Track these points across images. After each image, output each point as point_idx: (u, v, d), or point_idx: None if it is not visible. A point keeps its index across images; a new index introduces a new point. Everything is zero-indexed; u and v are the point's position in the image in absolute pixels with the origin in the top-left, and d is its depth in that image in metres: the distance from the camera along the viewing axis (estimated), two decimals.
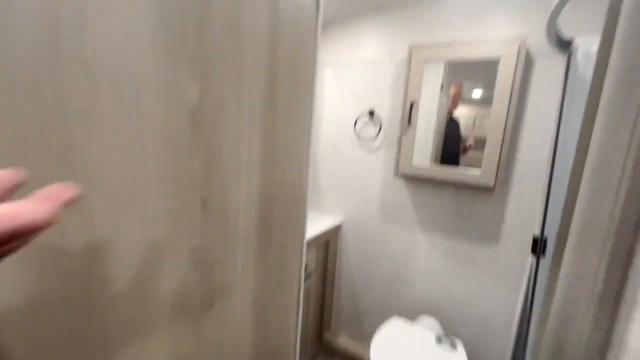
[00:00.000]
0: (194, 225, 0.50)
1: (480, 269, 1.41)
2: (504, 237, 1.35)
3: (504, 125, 1.23)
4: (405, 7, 1.41)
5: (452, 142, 1.42)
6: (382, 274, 1.68)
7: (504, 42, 1.19)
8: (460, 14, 1.31)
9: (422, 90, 1.38)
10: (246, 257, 0.62)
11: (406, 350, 1.29)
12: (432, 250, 1.53)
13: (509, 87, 1.20)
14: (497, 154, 1.26)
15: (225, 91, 0.51)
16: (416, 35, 1.41)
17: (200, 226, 0.51)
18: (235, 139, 0.55)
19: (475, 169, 1.33)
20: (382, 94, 1.55)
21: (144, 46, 0.39)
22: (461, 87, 1.37)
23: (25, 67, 0.31)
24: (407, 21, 1.42)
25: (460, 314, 1.49)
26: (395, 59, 1.48)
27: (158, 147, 0.43)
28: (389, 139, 1.56)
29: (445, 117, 1.41)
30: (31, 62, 0.31)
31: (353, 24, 1.55)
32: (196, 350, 0.55)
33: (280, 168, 0.67)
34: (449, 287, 1.50)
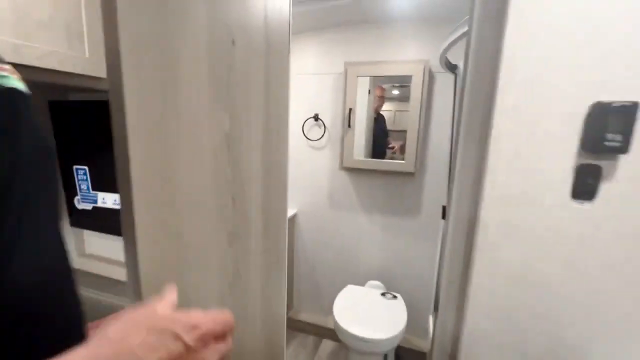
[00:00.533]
0: (228, 216, 0.71)
1: (410, 236, 1.83)
2: (424, 209, 1.78)
3: (418, 124, 1.63)
4: (340, 30, 1.71)
5: (381, 135, 1.79)
6: (333, 253, 2.00)
7: (414, 63, 1.59)
8: (383, 40, 1.66)
9: (357, 97, 1.71)
10: (256, 238, 0.84)
11: (360, 305, 1.63)
12: (373, 227, 1.89)
13: (419, 95, 1.61)
14: (415, 147, 1.66)
15: (242, 119, 0.72)
16: (350, 54, 1.72)
17: (232, 217, 0.72)
18: (248, 152, 0.76)
19: (400, 161, 1.72)
20: (324, 101, 1.83)
21: (204, 96, 0.59)
22: (384, 90, 1.75)
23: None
24: (342, 42, 1.73)
25: (398, 273, 1.89)
26: (334, 72, 1.78)
27: (210, 160, 0.63)
28: (332, 139, 1.87)
29: (373, 115, 1.78)
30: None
31: (300, 42, 1.79)
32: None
33: (271, 171, 0.90)
34: (388, 254, 1.89)
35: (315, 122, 1.88)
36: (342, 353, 2.00)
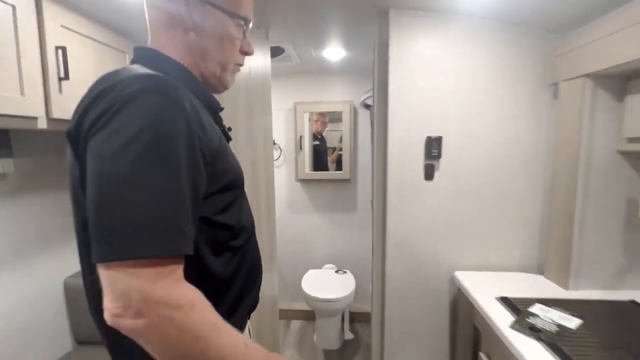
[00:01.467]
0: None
1: (351, 227, 2.46)
2: (359, 206, 2.44)
3: (349, 145, 2.31)
4: (291, 78, 2.32)
5: (323, 153, 2.42)
6: (294, 249, 2.53)
7: (343, 103, 2.28)
8: (321, 86, 2.32)
9: (304, 127, 2.33)
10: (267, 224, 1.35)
11: (320, 281, 2.19)
12: (323, 223, 2.49)
13: (348, 125, 2.29)
14: (349, 160, 2.33)
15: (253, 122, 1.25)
16: (297, 95, 2.34)
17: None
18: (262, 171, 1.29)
19: (339, 172, 2.37)
20: (279, 130, 2.40)
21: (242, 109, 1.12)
22: (325, 116, 2.39)
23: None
24: (292, 87, 2.34)
25: (346, 255, 2.50)
26: (286, 108, 2.37)
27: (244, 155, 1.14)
28: (287, 159, 2.44)
29: (318, 137, 2.41)
30: None
31: None
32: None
33: (266, 167, 1.42)
34: (336, 242, 2.50)
35: (273, 146, 2.42)
36: (309, 327, 2.51)
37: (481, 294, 1.10)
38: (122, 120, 0.40)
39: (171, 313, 0.39)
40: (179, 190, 0.42)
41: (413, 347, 1.39)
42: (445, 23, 1.22)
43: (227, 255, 0.56)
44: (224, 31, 0.59)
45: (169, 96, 0.43)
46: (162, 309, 0.39)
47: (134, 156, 0.39)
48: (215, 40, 0.59)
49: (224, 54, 0.60)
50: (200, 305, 0.43)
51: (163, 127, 0.41)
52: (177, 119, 0.42)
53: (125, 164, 0.39)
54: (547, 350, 0.79)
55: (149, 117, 0.41)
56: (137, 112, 0.41)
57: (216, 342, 0.43)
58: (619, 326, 0.89)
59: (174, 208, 0.41)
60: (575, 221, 1.07)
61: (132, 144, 0.39)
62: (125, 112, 0.40)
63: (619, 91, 1.01)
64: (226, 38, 0.59)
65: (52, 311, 1.37)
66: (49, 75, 0.98)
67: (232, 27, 0.59)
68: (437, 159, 1.27)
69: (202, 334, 0.42)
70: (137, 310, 0.38)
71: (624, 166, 1.03)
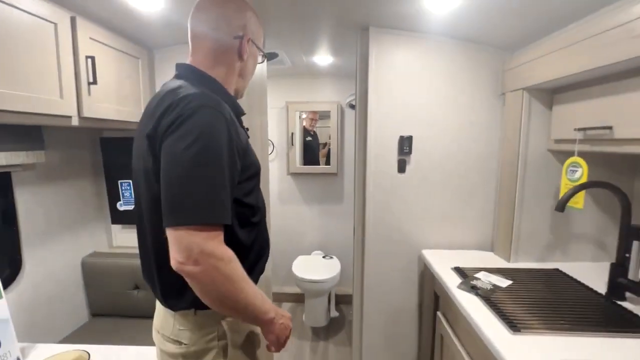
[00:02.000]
0: None
1: (337, 217, 2.69)
2: (345, 197, 2.67)
3: (337, 141, 2.53)
4: (283, 79, 2.52)
5: (316, 148, 2.64)
6: (285, 238, 2.75)
7: (331, 103, 2.49)
8: (311, 87, 2.52)
9: (295, 125, 2.53)
10: None
11: (309, 265, 2.41)
12: (312, 213, 2.71)
13: (336, 123, 2.51)
14: (336, 156, 2.55)
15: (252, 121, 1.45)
16: (289, 95, 2.54)
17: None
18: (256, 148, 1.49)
19: (327, 166, 2.59)
20: (272, 127, 2.60)
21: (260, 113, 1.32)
22: (316, 113, 2.60)
23: None
24: (284, 87, 2.54)
25: (333, 242, 2.74)
26: (278, 107, 2.57)
27: None
28: (280, 154, 2.64)
29: (304, 133, 2.62)
30: None
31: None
32: None
33: (262, 163, 1.63)
34: (324, 231, 2.73)
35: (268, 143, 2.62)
36: (298, 308, 2.74)
37: (440, 265, 1.34)
38: (188, 127, 0.59)
39: (217, 263, 0.58)
40: (222, 179, 0.61)
41: (388, 317, 1.63)
42: (417, 40, 1.44)
43: (248, 228, 0.75)
44: (256, 60, 0.85)
45: (217, 110, 0.62)
46: (212, 260, 0.58)
47: (194, 154, 0.58)
48: (251, 67, 0.84)
49: (249, 74, 0.85)
50: (235, 261, 0.63)
51: (213, 135, 0.60)
52: (222, 128, 0.62)
53: (189, 159, 0.58)
54: (482, 302, 1.03)
55: (205, 126, 0.60)
56: (197, 122, 0.60)
57: (245, 288, 0.63)
58: (540, 285, 1.15)
59: (220, 192, 0.60)
60: (515, 206, 1.33)
61: (194, 146, 0.58)
62: (190, 120, 0.59)
63: (548, 102, 1.25)
64: (255, 64, 0.86)
65: (72, 286, 1.56)
66: (80, 80, 1.16)
67: (258, 57, 0.86)
68: (408, 155, 1.51)
69: (237, 280, 0.62)
70: (195, 260, 0.56)
71: (552, 162, 1.29)
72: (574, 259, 1.35)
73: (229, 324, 0.74)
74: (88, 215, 1.65)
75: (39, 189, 1.36)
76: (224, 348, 0.73)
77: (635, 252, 1.06)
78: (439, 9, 1.19)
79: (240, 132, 0.70)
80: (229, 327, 0.73)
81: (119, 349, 1.01)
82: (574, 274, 1.22)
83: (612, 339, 0.83)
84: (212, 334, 0.72)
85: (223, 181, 0.61)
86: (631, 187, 1.26)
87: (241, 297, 0.63)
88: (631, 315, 0.94)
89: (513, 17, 1.17)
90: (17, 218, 1.28)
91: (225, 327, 0.73)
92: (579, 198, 1.07)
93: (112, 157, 1.66)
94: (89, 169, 1.65)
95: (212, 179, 0.60)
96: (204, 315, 0.71)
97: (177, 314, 0.73)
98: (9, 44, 0.92)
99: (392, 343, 1.66)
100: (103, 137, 1.66)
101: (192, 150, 0.58)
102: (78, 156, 1.58)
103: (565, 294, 1.08)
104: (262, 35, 0.86)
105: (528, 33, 1.26)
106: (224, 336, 0.73)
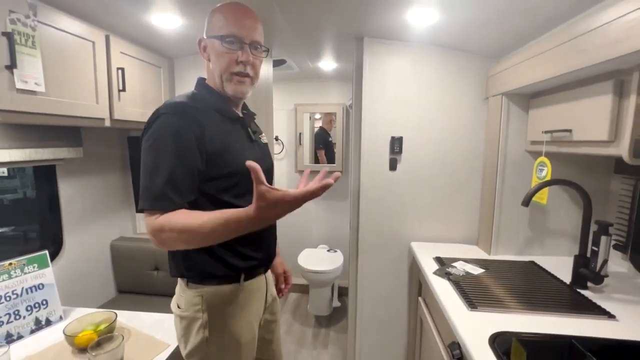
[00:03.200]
0: None
1: (342, 212, 2.84)
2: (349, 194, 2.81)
3: (342, 141, 2.68)
4: (292, 83, 2.69)
5: (331, 146, 2.79)
6: (293, 233, 2.92)
7: (336, 105, 2.64)
8: (318, 90, 2.69)
9: (304, 125, 2.70)
10: None
11: (314, 257, 2.58)
12: (318, 209, 2.87)
13: (341, 123, 2.66)
14: (342, 154, 2.70)
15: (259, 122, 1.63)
16: (298, 98, 2.71)
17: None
18: None
19: (333, 164, 2.74)
20: (282, 127, 2.78)
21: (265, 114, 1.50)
22: (333, 116, 2.76)
23: None
24: (293, 90, 2.71)
25: (337, 237, 2.89)
26: (287, 109, 2.75)
27: None
28: (288, 152, 2.82)
29: (325, 134, 2.78)
30: None
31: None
32: None
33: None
34: (329, 226, 2.88)
35: (276, 142, 2.81)
36: (303, 298, 2.91)
37: (424, 256, 1.46)
38: (150, 129, 0.75)
39: (162, 234, 0.69)
40: (165, 171, 0.71)
41: (380, 304, 1.77)
42: (407, 48, 1.57)
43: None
44: (215, 52, 0.83)
45: (175, 115, 0.75)
46: (157, 233, 0.69)
47: (143, 152, 0.74)
48: (214, 60, 0.84)
49: (219, 68, 0.83)
50: (173, 218, 0.69)
51: (163, 135, 0.74)
52: (174, 130, 0.74)
53: (144, 156, 0.74)
54: (452, 285, 1.15)
55: (160, 128, 0.74)
56: (156, 126, 0.75)
57: (199, 225, 0.66)
58: (511, 274, 1.25)
59: (161, 183, 0.71)
60: (496, 203, 1.43)
61: (145, 145, 0.75)
62: (153, 125, 0.75)
63: (525, 106, 1.35)
64: (218, 56, 0.82)
65: (102, 265, 1.80)
66: (112, 88, 1.38)
67: (221, 46, 0.81)
68: (399, 154, 1.64)
69: (186, 229, 0.67)
70: (152, 237, 0.71)
71: (529, 161, 1.38)
72: (551, 253, 1.43)
73: (207, 300, 0.85)
74: (116, 204, 1.88)
75: (76, 180, 1.60)
76: (207, 322, 0.85)
77: (603, 246, 1.16)
78: (421, 22, 1.31)
79: (212, 131, 0.79)
80: (207, 304, 0.85)
81: (140, 314, 1.22)
82: (547, 267, 1.31)
83: (560, 318, 0.94)
84: (197, 305, 0.85)
85: (165, 173, 0.71)
86: (607, 185, 1.34)
87: (203, 231, 0.66)
88: (585, 300, 1.04)
89: (489, 29, 1.28)
90: (60, 204, 1.52)
91: (204, 303, 0.84)
92: (543, 194, 1.17)
93: (137, 153, 1.88)
94: (118, 164, 1.88)
95: (154, 172, 0.72)
96: (191, 287, 0.86)
97: (179, 281, 0.91)
98: (59, 61, 1.14)
99: (385, 328, 1.79)
100: (130, 136, 1.89)
101: (144, 149, 0.76)
102: (108, 153, 1.82)
103: (532, 282, 1.18)
104: (220, 20, 0.83)
105: (508, 43, 1.36)
106: (207, 310, 0.85)
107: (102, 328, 1.04)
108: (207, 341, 0.85)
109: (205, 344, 0.85)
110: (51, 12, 1.10)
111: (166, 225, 0.69)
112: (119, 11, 1.27)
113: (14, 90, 0.98)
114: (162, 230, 0.69)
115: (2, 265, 1.07)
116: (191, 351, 0.87)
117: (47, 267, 1.18)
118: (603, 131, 0.92)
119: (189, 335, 0.87)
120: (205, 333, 0.85)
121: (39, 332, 1.11)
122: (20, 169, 1.95)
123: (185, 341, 0.88)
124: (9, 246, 2.02)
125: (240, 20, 0.83)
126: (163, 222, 0.69)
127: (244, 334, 0.90)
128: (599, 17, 0.83)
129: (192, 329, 0.86)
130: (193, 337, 0.86)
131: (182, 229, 0.68)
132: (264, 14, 1.33)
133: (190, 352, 0.87)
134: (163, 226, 0.69)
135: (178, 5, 1.26)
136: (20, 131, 1.28)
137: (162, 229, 0.69)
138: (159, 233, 0.69)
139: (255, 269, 0.94)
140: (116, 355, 0.90)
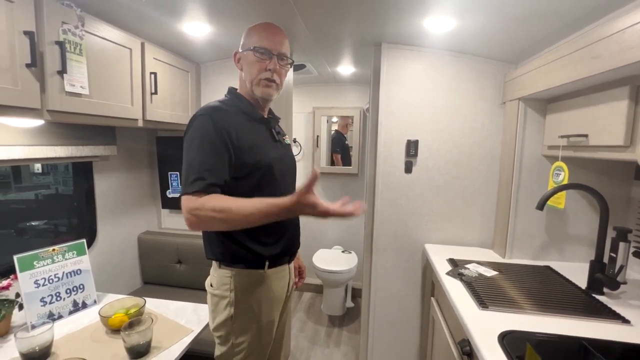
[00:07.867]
0: None
1: None
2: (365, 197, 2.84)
3: (359, 144, 2.72)
4: (310, 87, 2.77)
5: (347, 150, 2.85)
6: (308, 232, 2.97)
7: (354, 109, 2.69)
8: (335, 93, 2.75)
9: (321, 128, 2.77)
10: None
11: (329, 257, 2.62)
12: None
13: (358, 127, 2.70)
14: (357, 157, 2.74)
15: None
16: (316, 101, 2.78)
17: None
18: None
19: (349, 167, 2.79)
20: (300, 130, 2.86)
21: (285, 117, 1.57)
22: (349, 120, 2.81)
23: None
24: (311, 94, 2.79)
25: (351, 238, 2.92)
26: (305, 112, 2.82)
27: None
28: (306, 154, 2.89)
29: (342, 137, 2.84)
30: None
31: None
32: None
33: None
34: (344, 227, 2.92)
35: (294, 144, 2.88)
36: (317, 298, 2.96)
37: (437, 257, 1.48)
38: (190, 129, 0.88)
39: (199, 211, 0.78)
40: (202, 160, 0.83)
41: (393, 304, 1.79)
42: (423, 54, 1.60)
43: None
44: (248, 62, 0.97)
45: (209, 116, 0.87)
46: (195, 211, 0.79)
47: (185, 149, 0.86)
48: (246, 69, 0.98)
49: (250, 75, 0.97)
50: (214, 198, 0.80)
51: (200, 132, 0.86)
52: (208, 127, 0.86)
53: (186, 152, 0.85)
54: (464, 286, 1.18)
55: (198, 128, 0.87)
56: (194, 125, 0.88)
57: (237, 207, 0.77)
58: (525, 277, 1.25)
59: (198, 168, 0.82)
60: (511, 207, 1.43)
61: (189, 142, 0.86)
62: (192, 125, 0.88)
63: (541, 111, 1.35)
64: (249, 65, 0.97)
65: (130, 257, 1.92)
66: (145, 91, 1.49)
67: (252, 57, 0.95)
68: (414, 157, 1.67)
69: (224, 208, 0.77)
70: (187, 218, 0.80)
71: (546, 166, 1.38)
72: (568, 259, 1.42)
73: (235, 281, 0.95)
74: (144, 199, 2.01)
75: (110, 176, 1.73)
76: (233, 301, 0.95)
77: (621, 252, 1.15)
78: (438, 29, 1.35)
79: (240, 131, 0.90)
80: (235, 284, 0.95)
81: (165, 302, 1.30)
82: (563, 272, 1.30)
83: (572, 320, 0.95)
84: (226, 285, 0.96)
85: (204, 163, 0.83)
86: (628, 192, 1.32)
87: (242, 212, 0.77)
88: (600, 304, 1.04)
89: (505, 36, 1.30)
90: (95, 198, 1.64)
91: (233, 284, 0.94)
92: (561, 199, 1.18)
93: (164, 152, 2.00)
94: (146, 162, 2.01)
95: (194, 161, 0.83)
96: (223, 268, 0.97)
97: (213, 262, 1.00)
98: (101, 66, 1.25)
99: (397, 328, 1.81)
100: (158, 136, 2.01)
101: (185, 147, 0.87)
102: (139, 151, 1.94)
103: (545, 285, 1.19)
104: (254, 36, 0.96)
105: (524, 48, 1.37)
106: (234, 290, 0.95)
107: (132, 312, 1.13)
108: (231, 318, 0.95)
109: (230, 320, 0.96)
110: (96, 22, 1.22)
111: (207, 204, 0.78)
112: (155, 20, 1.38)
113: (64, 93, 1.09)
114: (201, 209, 0.78)
115: (47, 251, 1.18)
116: (218, 325, 0.98)
117: (84, 254, 1.28)
118: (619, 136, 0.93)
119: (217, 311, 0.97)
120: (231, 311, 0.95)
121: (76, 314, 1.22)
122: (53, 166, 2.11)
123: (214, 316, 0.99)
124: (40, 239, 2.18)
125: (271, 36, 0.97)
126: (203, 201, 0.79)
127: (265, 316, 0.99)
128: (613, 25, 0.85)
129: (221, 305, 0.96)
130: (220, 313, 0.96)
131: (222, 209, 0.78)
132: (286, 22, 1.40)
133: (217, 326, 0.98)
134: (204, 204, 0.78)
135: (207, 14, 1.35)
136: (63, 130, 1.40)
137: (201, 207, 0.78)
138: (198, 211, 0.78)
139: (279, 258, 1.03)
140: (146, 336, 0.98)
